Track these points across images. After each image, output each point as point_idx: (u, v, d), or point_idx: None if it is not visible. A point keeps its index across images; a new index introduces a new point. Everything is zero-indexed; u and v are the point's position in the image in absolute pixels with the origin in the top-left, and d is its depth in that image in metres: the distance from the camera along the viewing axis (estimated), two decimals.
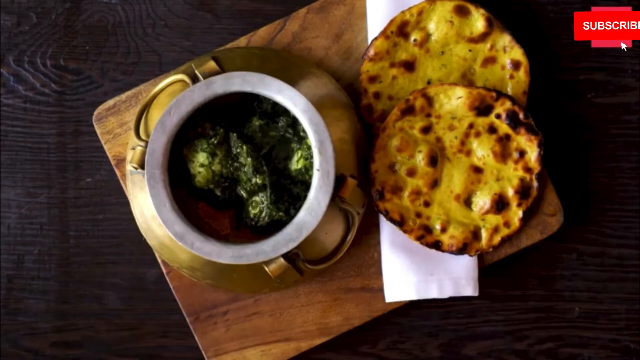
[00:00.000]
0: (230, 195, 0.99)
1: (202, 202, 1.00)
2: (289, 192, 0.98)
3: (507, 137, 1.02)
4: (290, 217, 0.97)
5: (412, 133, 1.02)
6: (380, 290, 1.05)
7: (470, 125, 1.02)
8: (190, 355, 1.07)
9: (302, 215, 0.94)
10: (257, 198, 0.98)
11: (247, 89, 0.95)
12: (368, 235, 1.05)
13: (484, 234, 1.02)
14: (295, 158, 0.97)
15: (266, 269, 0.96)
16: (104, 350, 1.07)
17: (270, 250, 0.94)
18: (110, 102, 1.05)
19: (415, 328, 1.07)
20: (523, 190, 1.02)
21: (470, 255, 1.02)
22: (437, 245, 1.02)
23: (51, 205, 1.07)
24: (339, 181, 0.96)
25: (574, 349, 1.07)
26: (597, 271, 1.07)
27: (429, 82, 1.04)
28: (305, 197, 0.95)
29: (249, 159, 0.96)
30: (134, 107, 1.05)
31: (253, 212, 0.98)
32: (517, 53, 1.03)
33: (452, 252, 1.02)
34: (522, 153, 1.02)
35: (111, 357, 1.07)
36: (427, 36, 1.03)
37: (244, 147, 0.96)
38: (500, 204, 1.02)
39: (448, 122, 1.02)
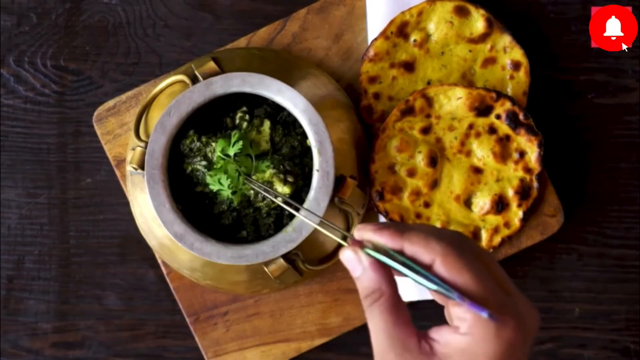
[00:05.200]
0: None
1: None
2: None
3: (507, 138, 1.02)
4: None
5: (411, 134, 1.02)
6: None
7: (470, 126, 1.02)
8: (190, 355, 1.07)
9: (302, 215, 0.93)
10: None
11: (247, 89, 0.95)
12: None
13: (484, 235, 1.02)
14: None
15: (266, 269, 0.96)
16: (104, 350, 1.07)
17: (270, 250, 0.94)
18: (111, 103, 1.05)
19: None
20: (523, 191, 1.02)
21: None
22: None
23: (51, 205, 1.07)
24: (339, 182, 0.96)
25: (574, 350, 1.07)
26: (597, 272, 1.07)
27: (428, 83, 1.04)
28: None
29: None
30: (134, 107, 1.05)
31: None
32: (517, 53, 1.03)
33: None
34: (522, 153, 1.02)
35: (111, 357, 1.07)
36: (427, 37, 1.03)
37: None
38: (500, 205, 1.02)
39: (448, 122, 1.02)
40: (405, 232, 0.71)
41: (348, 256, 0.73)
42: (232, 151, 0.94)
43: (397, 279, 1.04)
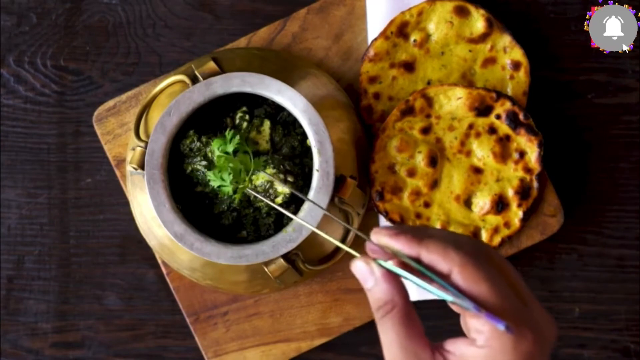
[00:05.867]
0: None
1: None
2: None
3: (507, 138, 1.02)
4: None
5: (411, 134, 1.02)
6: None
7: (470, 126, 1.02)
8: (190, 355, 1.07)
9: (301, 215, 0.94)
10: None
11: (247, 89, 0.95)
12: None
13: (484, 235, 1.02)
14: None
15: (266, 269, 0.96)
16: (104, 350, 1.07)
17: (270, 250, 0.94)
18: (111, 103, 1.05)
19: None
20: (523, 191, 1.02)
21: None
22: None
23: (51, 205, 1.07)
24: (339, 182, 0.96)
25: (574, 350, 1.07)
26: (597, 272, 1.07)
27: (429, 83, 1.04)
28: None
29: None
30: (134, 107, 1.05)
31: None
32: (517, 53, 1.03)
33: None
34: (522, 154, 1.02)
35: (111, 357, 1.07)
36: (427, 37, 1.03)
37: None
38: (500, 205, 1.02)
39: (448, 122, 1.02)
40: (424, 239, 0.70)
41: (359, 267, 0.71)
42: (230, 148, 0.94)
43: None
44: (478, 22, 1.03)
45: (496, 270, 0.69)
